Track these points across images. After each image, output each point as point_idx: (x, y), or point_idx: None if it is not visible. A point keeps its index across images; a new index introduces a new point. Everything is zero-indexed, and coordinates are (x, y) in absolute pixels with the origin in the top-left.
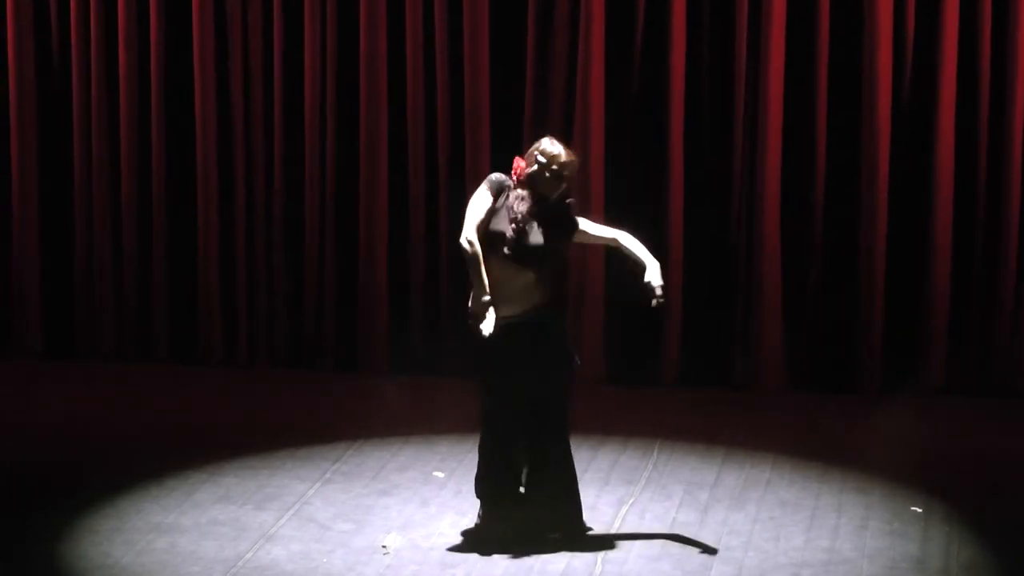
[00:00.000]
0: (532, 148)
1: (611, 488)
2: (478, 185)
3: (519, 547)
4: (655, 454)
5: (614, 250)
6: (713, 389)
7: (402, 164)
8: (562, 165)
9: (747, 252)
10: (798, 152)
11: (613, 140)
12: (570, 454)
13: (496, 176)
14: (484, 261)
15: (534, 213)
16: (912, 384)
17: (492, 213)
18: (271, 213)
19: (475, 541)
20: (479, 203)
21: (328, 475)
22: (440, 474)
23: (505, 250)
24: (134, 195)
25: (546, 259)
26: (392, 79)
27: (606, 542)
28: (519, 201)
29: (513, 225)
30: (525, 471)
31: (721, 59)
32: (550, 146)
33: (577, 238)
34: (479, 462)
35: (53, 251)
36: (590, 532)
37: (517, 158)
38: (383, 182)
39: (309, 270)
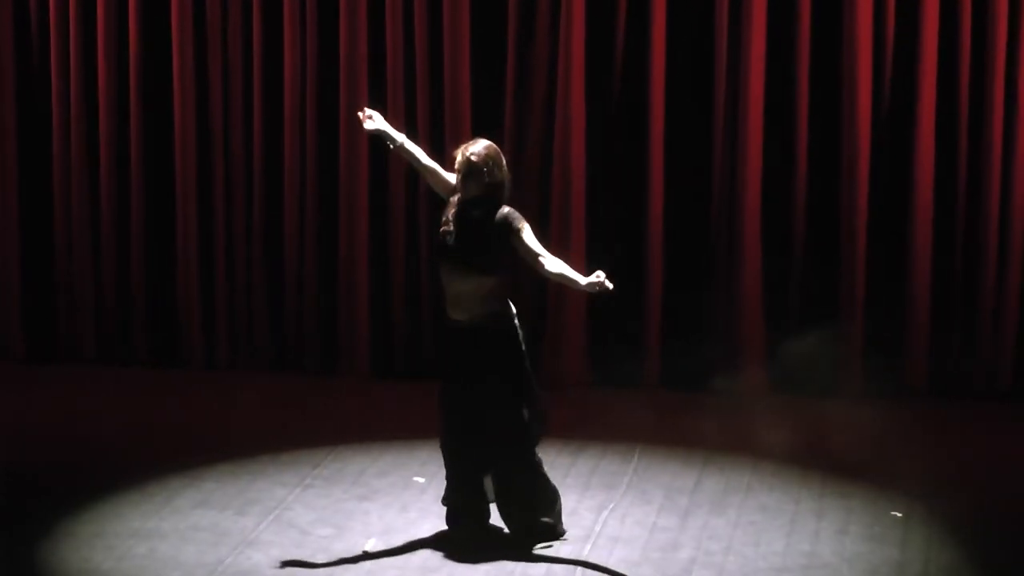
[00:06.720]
0: None
1: (591, 493)
2: None
3: (499, 552)
4: (635, 459)
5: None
6: (693, 393)
7: (382, 167)
8: (461, 163)
9: (728, 255)
10: (778, 153)
11: (593, 140)
12: (534, 465)
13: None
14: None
15: (464, 218)
16: (893, 386)
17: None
18: (251, 217)
19: (455, 547)
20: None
21: (308, 480)
22: (420, 479)
23: (441, 254)
24: (113, 199)
25: (478, 265)
26: (372, 83)
27: (587, 547)
28: (449, 207)
29: (443, 229)
30: (489, 484)
31: (701, 59)
32: (463, 147)
33: (517, 246)
34: (446, 476)
35: (33, 256)
36: (570, 537)
37: None
38: (363, 184)
39: (289, 273)
